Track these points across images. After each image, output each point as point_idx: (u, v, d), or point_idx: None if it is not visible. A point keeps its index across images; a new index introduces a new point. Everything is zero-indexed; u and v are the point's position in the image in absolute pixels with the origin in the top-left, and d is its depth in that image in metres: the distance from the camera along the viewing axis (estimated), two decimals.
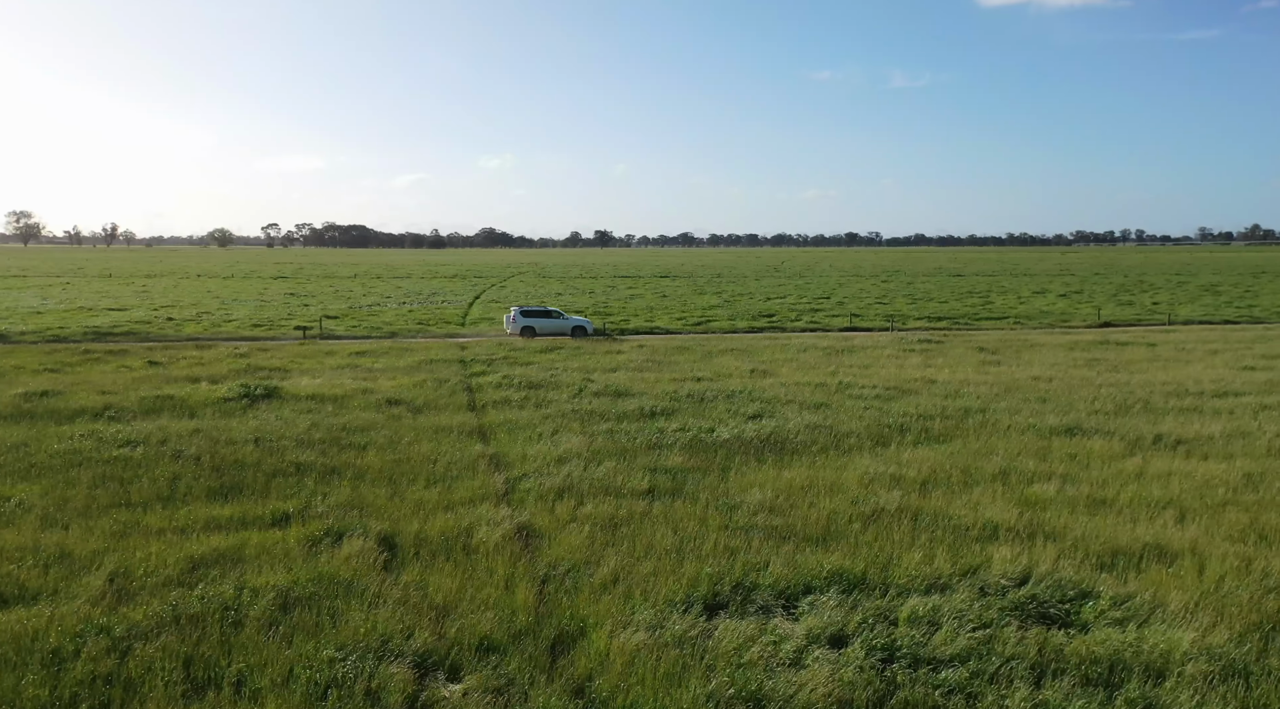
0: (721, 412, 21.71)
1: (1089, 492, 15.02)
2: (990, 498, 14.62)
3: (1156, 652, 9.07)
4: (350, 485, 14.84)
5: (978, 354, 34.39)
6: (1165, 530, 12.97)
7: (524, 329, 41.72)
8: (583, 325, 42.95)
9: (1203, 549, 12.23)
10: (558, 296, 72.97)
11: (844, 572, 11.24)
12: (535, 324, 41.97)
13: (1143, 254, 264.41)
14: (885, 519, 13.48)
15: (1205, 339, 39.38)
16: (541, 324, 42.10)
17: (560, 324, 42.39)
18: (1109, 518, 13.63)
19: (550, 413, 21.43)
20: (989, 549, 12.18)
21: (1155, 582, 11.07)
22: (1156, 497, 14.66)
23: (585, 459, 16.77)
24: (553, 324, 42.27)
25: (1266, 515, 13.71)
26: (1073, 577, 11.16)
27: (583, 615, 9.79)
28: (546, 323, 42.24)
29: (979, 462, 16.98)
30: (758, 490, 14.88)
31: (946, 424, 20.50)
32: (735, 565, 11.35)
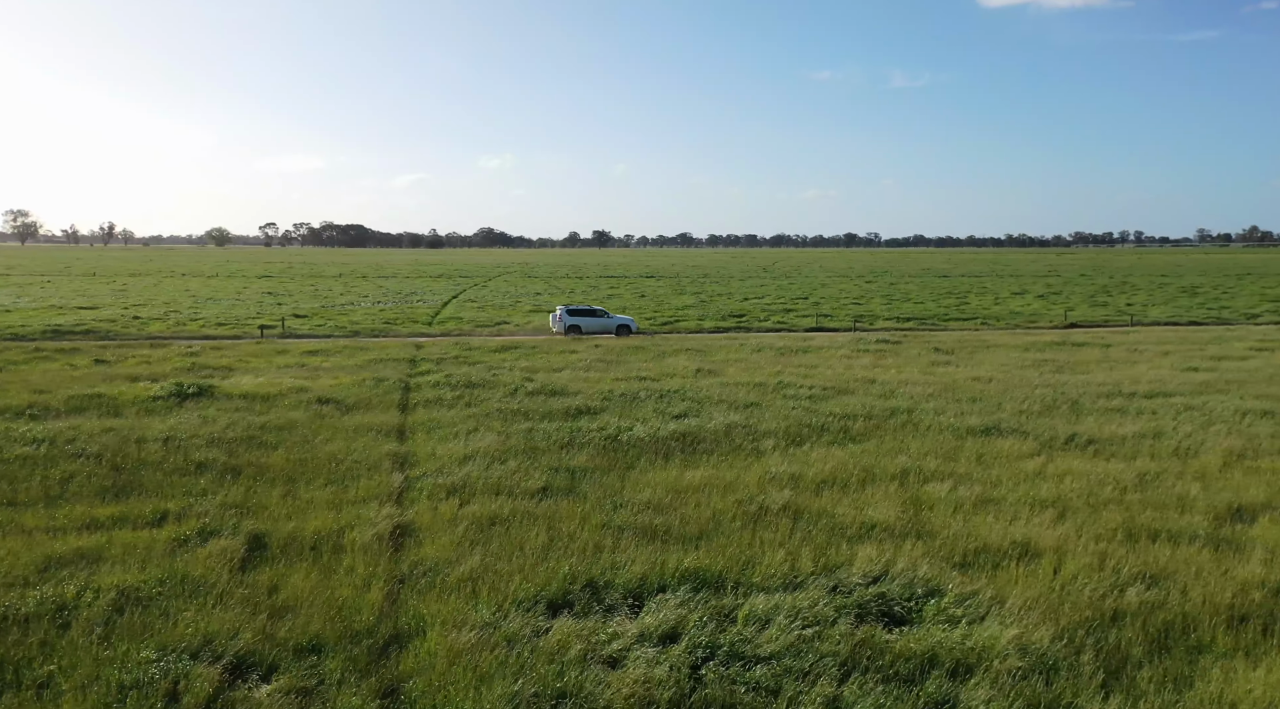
0: (649, 411, 21.81)
1: (980, 491, 15.12)
2: (881, 497, 14.72)
3: (974, 649, 9.18)
4: (245, 485, 14.93)
5: (932, 354, 34.48)
6: (1039, 529, 13.08)
7: (569, 328, 42.55)
8: (626, 324, 43.70)
9: (1067, 547, 12.34)
10: (536, 296, 73.09)
11: (703, 570, 11.34)
12: (580, 322, 42.78)
13: (1137, 256, 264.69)
14: (767, 518, 13.58)
15: (1162, 340, 39.48)
16: (586, 323, 42.86)
17: (605, 323, 43.19)
18: (989, 517, 13.73)
19: (477, 412, 21.53)
20: (857, 548, 12.28)
21: (1007, 580, 11.18)
22: (1044, 496, 14.77)
23: (491, 458, 16.87)
24: (597, 323, 43.05)
25: (1144, 515, 13.82)
26: (927, 575, 11.27)
27: (424, 615, 9.89)
28: (591, 321, 43.00)
29: (884, 461, 17.07)
30: (650, 490, 14.98)
31: (868, 424, 20.59)
32: (596, 564, 11.46)
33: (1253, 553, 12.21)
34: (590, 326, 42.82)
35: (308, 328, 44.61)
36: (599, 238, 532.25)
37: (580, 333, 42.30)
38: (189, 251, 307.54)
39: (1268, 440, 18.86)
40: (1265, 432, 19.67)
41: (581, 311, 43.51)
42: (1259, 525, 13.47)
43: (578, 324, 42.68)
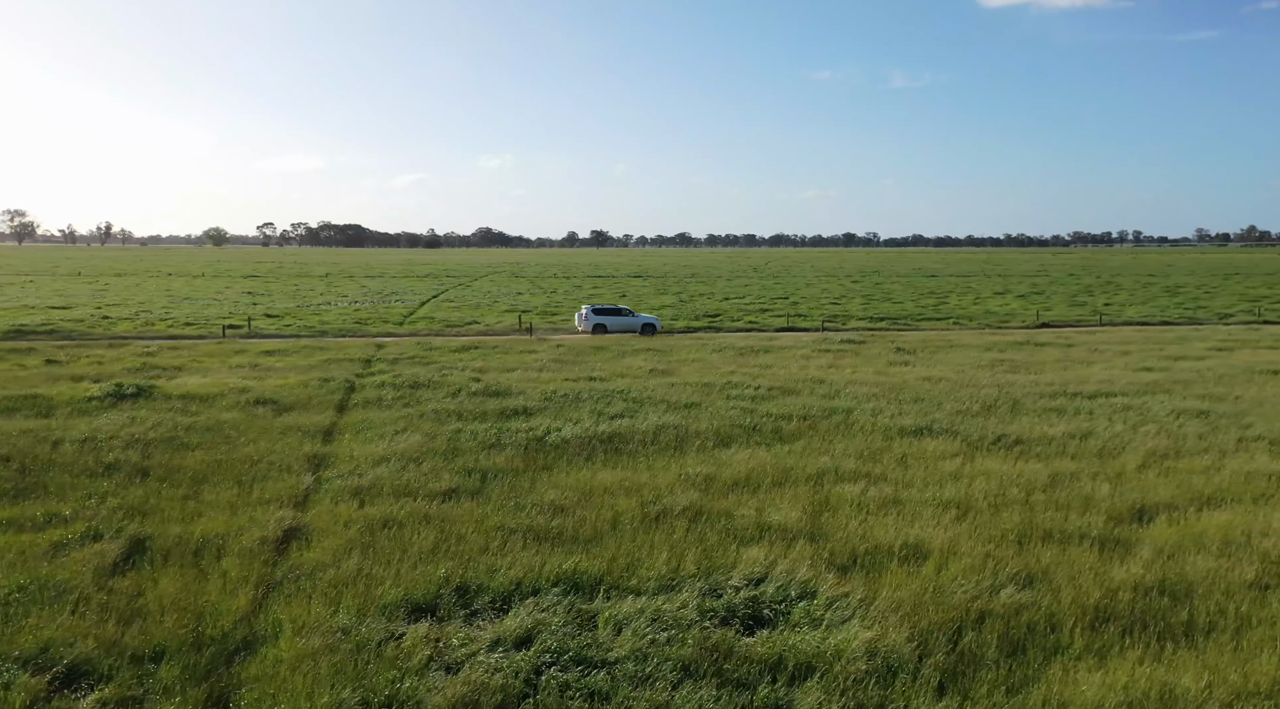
0: (586, 411, 21.76)
1: (891, 492, 15.08)
2: (790, 499, 14.66)
3: (823, 652, 9.15)
4: (150, 487, 14.88)
5: (892, 355, 34.46)
6: (934, 530, 13.03)
7: (595, 326, 43.13)
8: (651, 323, 44.24)
9: (957, 549, 12.30)
10: (518, 296, 73.03)
11: (582, 573, 11.29)
12: (606, 321, 43.38)
13: (1132, 256, 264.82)
14: (667, 520, 13.53)
15: (1127, 340, 39.45)
16: (612, 321, 43.43)
17: (630, 321, 43.78)
18: (890, 518, 13.70)
19: (412, 413, 21.48)
20: (745, 551, 12.23)
21: (885, 582, 11.13)
22: (951, 497, 14.73)
23: (409, 459, 16.83)
24: (623, 321, 43.63)
25: (1044, 516, 13.78)
26: (805, 577, 11.23)
27: (282, 620, 9.84)
28: (617, 320, 43.56)
29: (806, 462, 17.02)
30: (559, 491, 14.94)
31: (803, 425, 20.55)
32: (475, 568, 11.42)
33: (1138, 553, 12.18)
34: (615, 325, 43.36)
35: (275, 328, 44.56)
36: (597, 238, 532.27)
37: (606, 331, 42.94)
38: (185, 251, 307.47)
39: (1193, 440, 18.83)
40: (1193, 431, 19.64)
41: (607, 310, 44.12)
42: (1155, 526, 13.44)
43: (603, 323, 43.25)
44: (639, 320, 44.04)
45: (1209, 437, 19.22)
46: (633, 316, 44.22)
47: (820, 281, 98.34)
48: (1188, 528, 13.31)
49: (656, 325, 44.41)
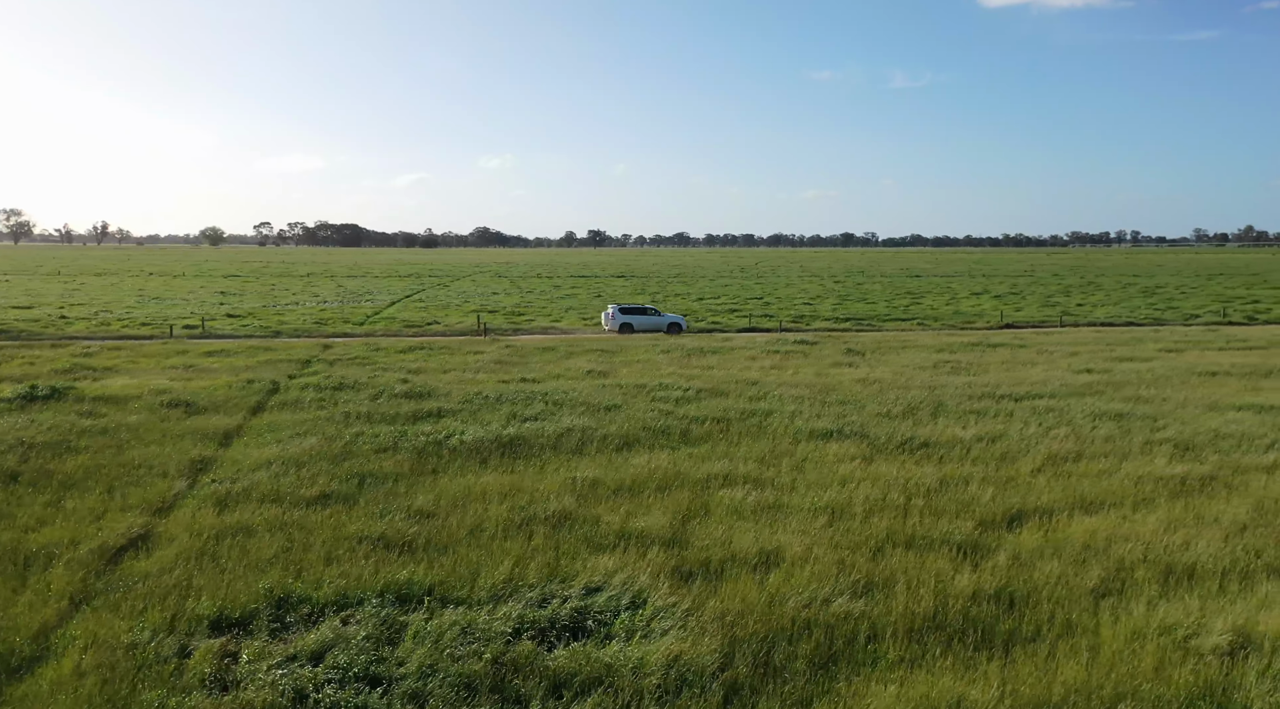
0: (501, 414, 21.51)
1: (773, 497, 14.84)
2: (666, 505, 14.39)
3: (620, 665, 8.91)
4: (14, 492, 14.65)
5: (841, 356, 34.23)
6: (797, 537, 12.79)
7: (622, 325, 43.59)
8: (677, 322, 44.68)
9: (812, 556, 12.06)
10: (493, 295, 72.77)
11: (415, 583, 11.03)
12: (633, 320, 43.81)
13: (1125, 256, 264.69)
14: (530, 527, 13.30)
15: (1081, 341, 39.21)
16: (638, 321, 43.87)
17: (656, 321, 44.16)
18: (758, 524, 13.46)
19: (324, 415, 21.24)
20: (597, 559, 12.00)
21: (721, 592, 10.89)
22: (829, 502, 14.49)
23: (294, 463, 16.58)
24: (649, 321, 44.03)
25: (915, 521, 13.56)
26: (642, 586, 11.00)
27: (76, 635, 9.60)
28: (643, 320, 43.99)
29: (702, 466, 16.79)
30: (432, 497, 14.70)
31: (716, 427, 20.31)
32: (304, 578, 11.18)
33: (993, 560, 11.96)
34: (642, 324, 43.76)
35: (232, 328, 44.31)
36: (594, 237, 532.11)
37: (633, 330, 43.32)
38: (179, 251, 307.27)
39: (1100, 443, 18.60)
40: (1103, 434, 19.41)
41: (633, 310, 44.48)
42: (1023, 531, 13.21)
43: (629, 322, 43.69)
44: (665, 320, 44.51)
45: (1117, 439, 19.00)
46: (659, 316, 44.64)
47: (802, 282, 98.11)
48: (1054, 533, 13.09)
49: (682, 324, 44.72)
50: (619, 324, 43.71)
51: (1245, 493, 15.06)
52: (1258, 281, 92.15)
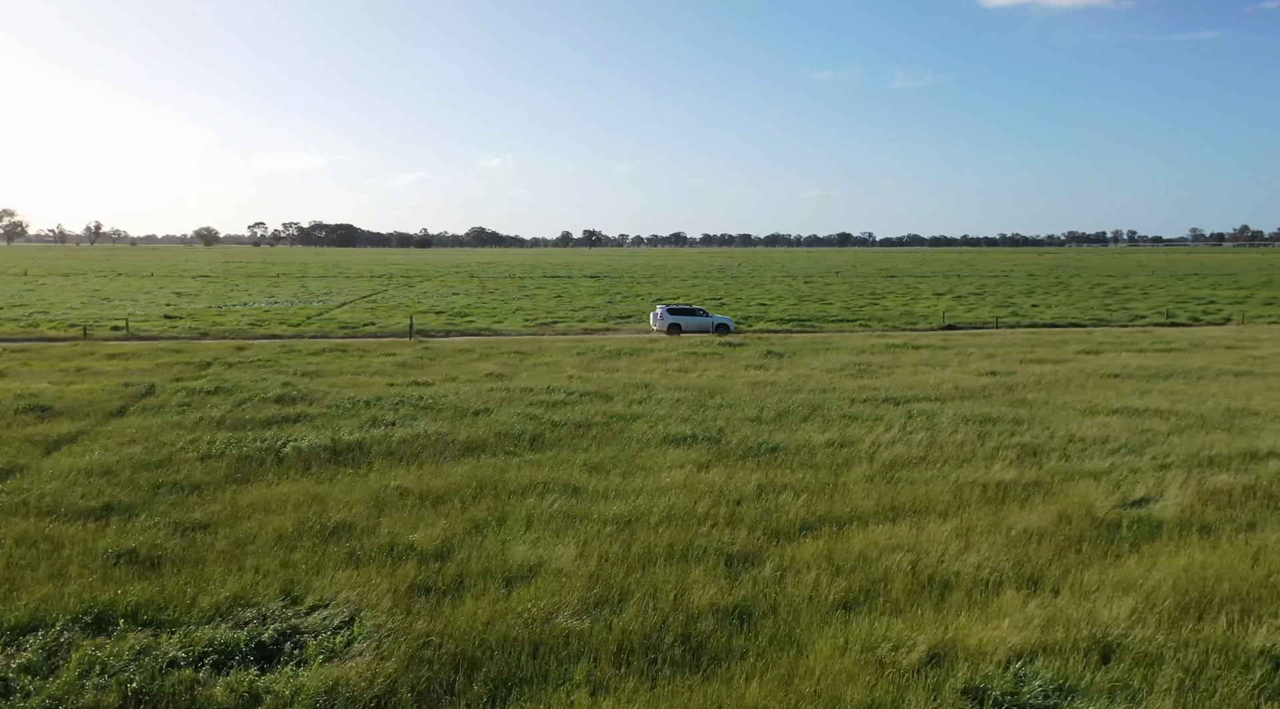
0: (363, 419, 21.06)
1: (581, 506, 14.38)
2: (466, 515, 13.98)
3: (281, 692, 8.50)
4: None
5: (759, 358, 33.84)
6: (572, 548, 12.38)
7: (670, 326, 43.88)
8: (725, 323, 45.08)
9: (572, 569, 11.61)
10: (452, 297, 72.37)
11: (123, 603, 10.47)
12: (681, 321, 44.10)
13: (1115, 256, 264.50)
14: (303, 540, 12.86)
15: (1009, 342, 38.83)
16: (686, 321, 44.18)
17: (704, 321, 44.51)
18: (545, 533, 13.00)
19: (177, 421, 20.75)
20: (341, 575, 11.54)
21: (444, 609, 10.48)
22: (628, 511, 14.06)
23: (99, 472, 16.04)
24: (696, 321, 44.35)
25: (704, 530, 13.13)
26: (369, 603, 10.58)
27: None
28: (691, 320, 44.31)
29: (527, 473, 16.34)
30: (219, 508, 14.21)
31: (573, 432, 19.86)
32: (12, 599, 10.76)
33: (758, 571, 11.54)
34: (690, 325, 44.00)
35: (160, 329, 43.87)
36: (589, 237, 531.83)
37: (681, 331, 43.50)
38: (168, 251, 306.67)
39: (951, 448, 18.17)
40: (959, 438, 18.99)
41: (681, 310, 44.76)
42: (807, 541, 12.80)
43: (678, 322, 43.92)
44: (712, 320, 44.65)
45: (969, 444, 18.59)
46: (707, 317, 44.81)
47: (771, 283, 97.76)
48: (839, 543, 12.68)
49: (730, 325, 44.98)
50: (667, 324, 43.91)
51: (1059, 500, 14.66)
52: (1227, 282, 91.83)
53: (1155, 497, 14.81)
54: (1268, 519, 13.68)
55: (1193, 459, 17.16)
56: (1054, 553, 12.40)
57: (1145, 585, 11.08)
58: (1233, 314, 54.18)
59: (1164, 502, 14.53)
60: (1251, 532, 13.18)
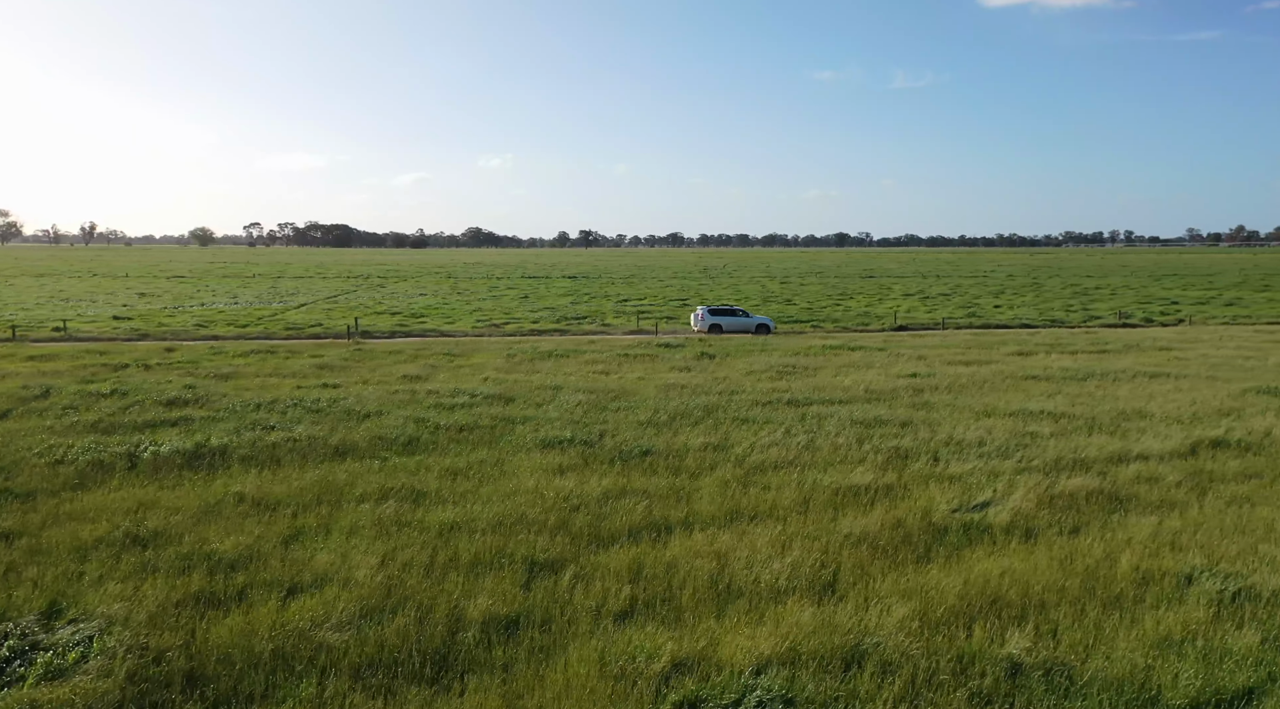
0: (247, 421, 20.74)
1: (415, 514, 14.02)
2: (289, 523, 13.70)
3: None
4: None
5: (690, 359, 33.55)
6: (376, 558, 12.11)
7: (711, 326, 43.99)
8: (765, 323, 45.28)
9: (368, 579, 11.32)
10: (420, 297, 72.08)
11: None
12: (722, 321, 44.30)
13: (1105, 256, 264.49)
14: (100, 549, 12.54)
15: (949, 343, 38.54)
16: (727, 322, 44.38)
17: (745, 322, 44.67)
18: (366, 540, 12.73)
19: (51, 424, 20.38)
20: (113, 587, 11.15)
21: (218, 621, 10.21)
22: (457, 518, 13.75)
23: None
24: (737, 322, 44.51)
25: (527, 537, 12.82)
26: (126, 616, 10.28)
27: None
28: (731, 321, 44.50)
29: (381, 479, 16.03)
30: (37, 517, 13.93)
31: (452, 436, 19.58)
32: None
33: (551, 581, 11.24)
34: (730, 325, 44.21)
35: (99, 330, 43.52)
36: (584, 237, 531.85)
37: (721, 331, 43.72)
38: (161, 251, 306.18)
39: (826, 451, 17.86)
40: (841, 442, 18.69)
41: (722, 311, 45.01)
42: (619, 550, 12.49)
43: (719, 323, 44.13)
44: (753, 321, 44.84)
45: (846, 447, 18.30)
46: (747, 317, 45.01)
47: (746, 283, 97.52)
48: (654, 550, 12.34)
49: (770, 326, 45.17)
50: (708, 325, 43.99)
51: (903, 504, 14.39)
52: (1202, 282, 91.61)
53: (998, 500, 14.55)
54: (1094, 523, 13.43)
55: (1058, 462, 16.90)
56: (868, 558, 12.14)
57: (933, 591, 10.83)
58: (1192, 314, 53.93)
59: (1003, 506, 14.27)
60: (1074, 536, 12.92)
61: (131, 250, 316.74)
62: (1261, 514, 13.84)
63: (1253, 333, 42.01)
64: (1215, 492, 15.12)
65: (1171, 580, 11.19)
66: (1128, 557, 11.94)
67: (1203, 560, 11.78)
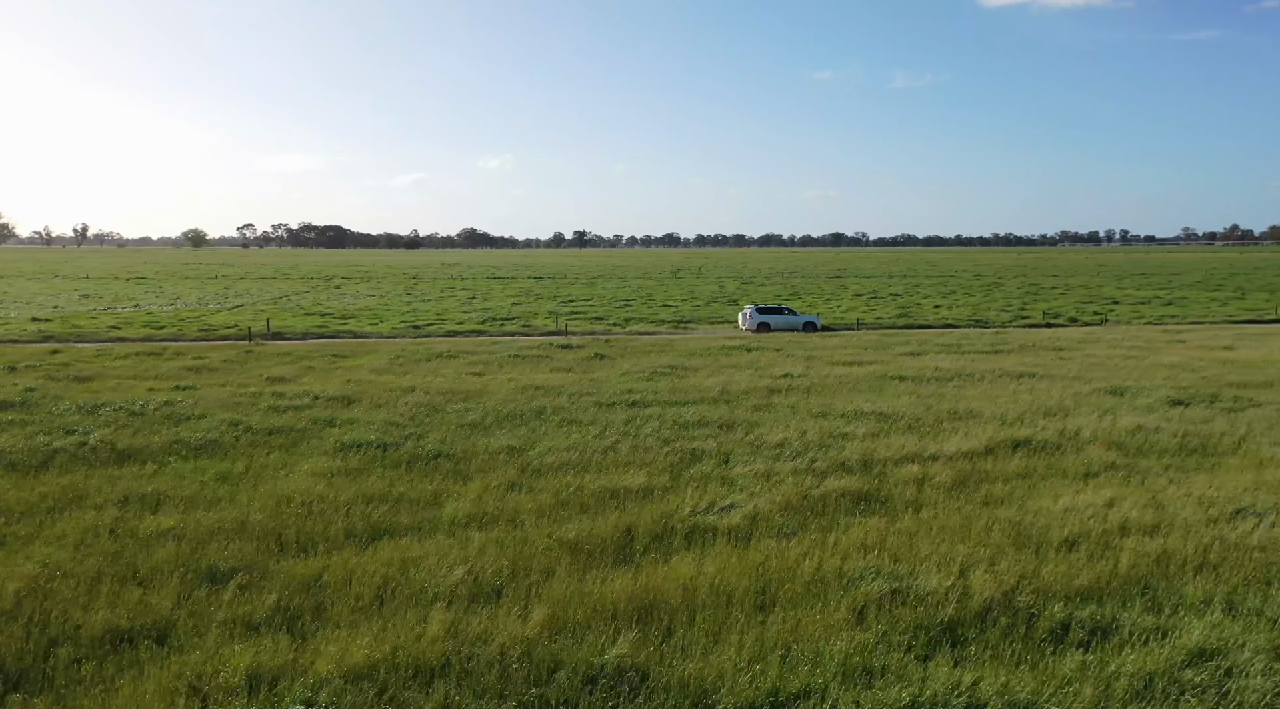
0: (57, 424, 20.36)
1: (133, 523, 13.66)
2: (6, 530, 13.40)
3: None
4: None
5: (580, 360, 33.26)
6: (32, 566, 11.73)
7: (760, 325, 44.68)
8: (812, 321, 45.86)
9: (48, 588, 11.03)
10: (369, 298, 71.71)
11: None
12: (770, 320, 45.00)
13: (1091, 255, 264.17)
14: None
15: (848, 344, 38.16)
16: (775, 320, 45.07)
17: (793, 320, 45.41)
18: (37, 552, 12.42)
19: None
20: None
21: None
22: (180, 526, 13.45)
23: None
24: (785, 320, 45.24)
25: (214, 545, 12.53)
26: None
27: None
28: (779, 319, 45.19)
29: (142, 484, 15.67)
30: None
31: (258, 439, 19.21)
32: None
33: (220, 591, 10.93)
34: (778, 324, 44.88)
35: (8, 333, 43.17)
36: (579, 238, 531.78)
37: (770, 329, 44.35)
38: (150, 252, 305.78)
39: (622, 453, 17.54)
40: (641, 444, 18.34)
41: (770, 310, 45.73)
42: (304, 560, 12.12)
43: (767, 321, 44.85)
44: (800, 319, 45.56)
45: (645, 450, 17.88)
46: (794, 315, 45.73)
47: (705, 283, 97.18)
48: (335, 559, 12.04)
49: (817, 323, 45.75)
50: (756, 324, 44.65)
51: (652, 507, 14.08)
52: (1159, 282, 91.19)
53: (745, 503, 14.21)
54: (817, 525, 13.13)
55: (843, 464, 16.57)
56: (566, 563, 11.82)
57: (584, 596, 10.53)
58: (1124, 315, 53.59)
59: (746, 508, 13.92)
60: (788, 538, 12.60)
61: (121, 252, 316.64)
62: (1000, 514, 13.51)
63: (1159, 333, 41.66)
64: (972, 491, 14.81)
65: (839, 583, 10.87)
66: (818, 559, 11.64)
67: (888, 562, 11.47)
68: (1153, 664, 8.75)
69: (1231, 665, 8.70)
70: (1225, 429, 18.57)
